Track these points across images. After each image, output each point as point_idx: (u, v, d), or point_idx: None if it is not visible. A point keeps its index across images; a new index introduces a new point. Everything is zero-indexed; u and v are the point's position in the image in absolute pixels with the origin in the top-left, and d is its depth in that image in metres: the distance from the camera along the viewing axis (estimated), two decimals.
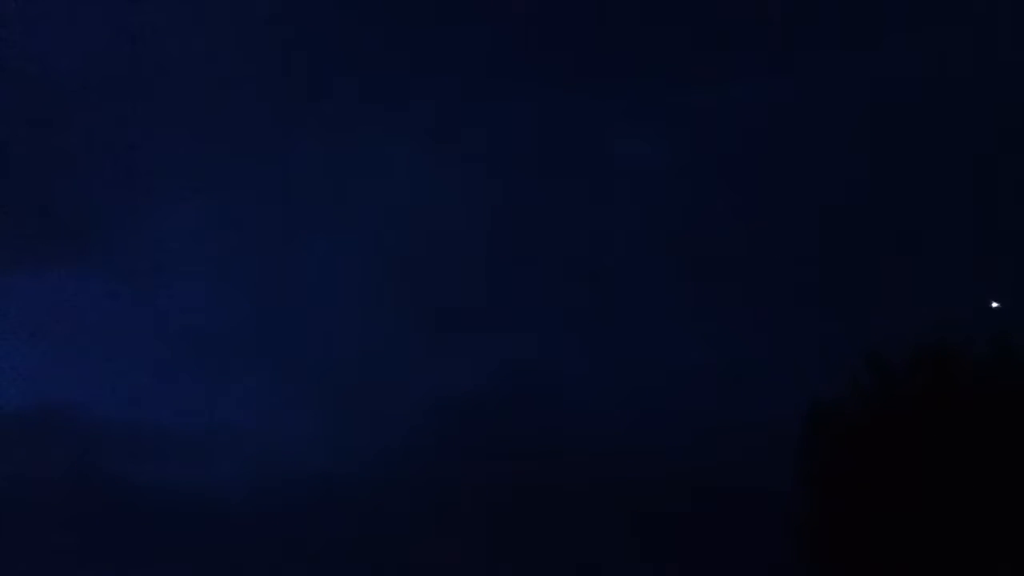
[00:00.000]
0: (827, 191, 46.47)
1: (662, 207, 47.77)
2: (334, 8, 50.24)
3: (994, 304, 33.55)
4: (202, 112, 49.75)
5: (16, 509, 42.20)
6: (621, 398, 44.38)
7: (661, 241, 47.35)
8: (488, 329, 47.06)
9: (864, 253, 45.17)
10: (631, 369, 45.24)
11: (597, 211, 49.01)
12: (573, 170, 49.95)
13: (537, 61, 49.67)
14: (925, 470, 29.58)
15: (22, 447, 44.48)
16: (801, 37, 48.56)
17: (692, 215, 47.49)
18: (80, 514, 42.83)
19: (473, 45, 49.90)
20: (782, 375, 38.87)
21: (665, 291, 46.44)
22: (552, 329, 47.15)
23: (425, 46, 50.34)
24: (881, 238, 45.37)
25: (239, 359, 47.62)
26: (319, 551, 41.74)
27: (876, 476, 30.07)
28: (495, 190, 48.82)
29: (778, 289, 44.89)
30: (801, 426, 31.52)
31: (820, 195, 46.41)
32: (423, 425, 44.16)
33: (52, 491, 43.12)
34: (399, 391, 46.03)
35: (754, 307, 44.94)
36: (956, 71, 46.12)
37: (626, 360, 45.70)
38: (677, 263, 46.58)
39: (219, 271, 49.44)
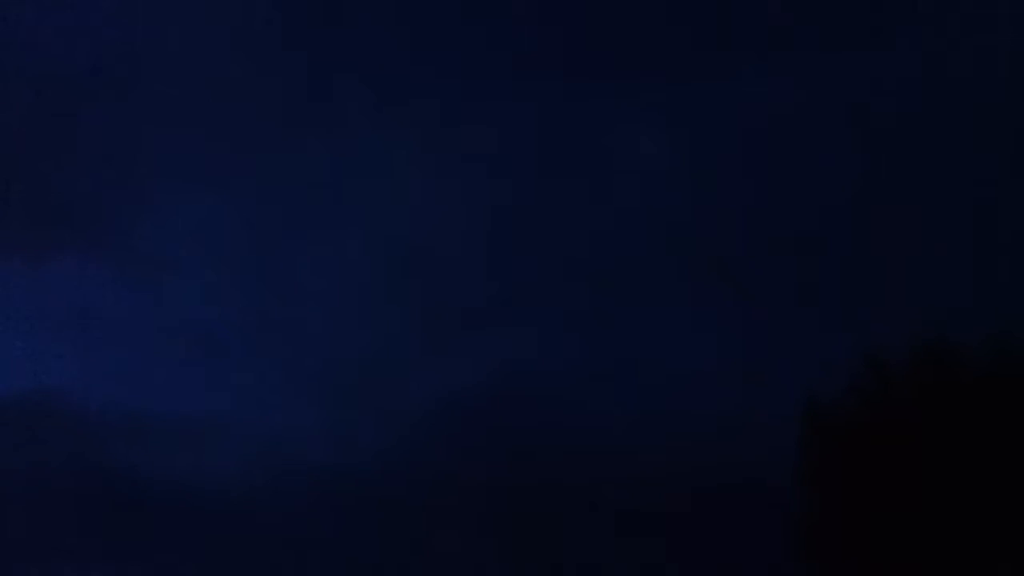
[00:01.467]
0: (827, 191, 46.52)
1: (662, 207, 47.79)
2: (334, 8, 50.31)
3: None
4: (203, 109, 49.88)
5: (11, 498, 42.22)
6: (621, 398, 44.37)
7: (661, 241, 47.38)
8: (488, 328, 47.10)
9: (864, 253, 45.19)
10: (631, 369, 45.25)
11: (597, 211, 49.05)
12: (573, 170, 49.98)
13: (537, 61, 49.73)
14: (925, 469, 29.60)
15: (18, 434, 44.48)
16: (801, 37, 48.59)
17: (692, 215, 47.51)
18: (78, 505, 42.83)
19: (474, 45, 49.98)
20: (782, 375, 38.88)
21: (665, 291, 46.47)
22: (552, 329, 47.18)
23: (426, 45, 50.42)
24: (881, 238, 45.38)
25: (240, 352, 47.75)
26: (320, 545, 41.77)
27: (876, 475, 30.08)
28: (496, 190, 48.86)
29: (778, 289, 44.92)
30: (800, 426, 31.56)
31: (820, 195, 46.46)
32: (423, 423, 44.19)
33: (49, 480, 43.11)
34: (399, 389, 46.09)
35: (754, 307, 44.97)
36: (956, 71, 46.15)
37: (626, 360, 45.71)
38: (677, 263, 46.61)
39: (221, 263, 49.60)
